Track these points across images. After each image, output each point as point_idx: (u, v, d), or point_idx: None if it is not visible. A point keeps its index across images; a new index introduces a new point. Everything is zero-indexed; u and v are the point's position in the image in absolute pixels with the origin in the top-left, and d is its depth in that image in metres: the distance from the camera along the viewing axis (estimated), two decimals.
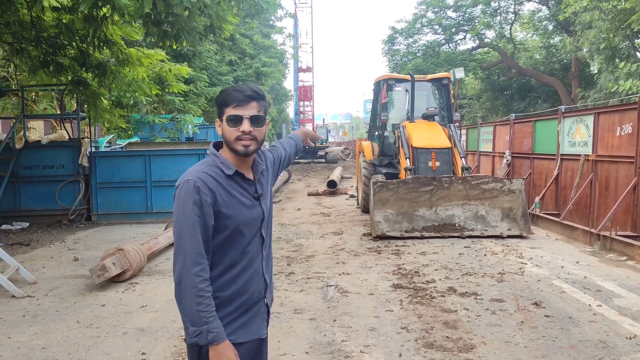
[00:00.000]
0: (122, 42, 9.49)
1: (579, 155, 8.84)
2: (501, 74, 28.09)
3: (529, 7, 35.91)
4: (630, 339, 4.06)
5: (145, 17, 7.87)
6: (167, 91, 13.94)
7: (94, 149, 11.23)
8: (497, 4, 26.81)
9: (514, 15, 27.17)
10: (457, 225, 8.22)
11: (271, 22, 32.65)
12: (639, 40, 15.63)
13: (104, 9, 7.97)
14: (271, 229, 2.14)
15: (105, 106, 11.87)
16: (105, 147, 13.42)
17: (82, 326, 4.59)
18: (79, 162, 10.76)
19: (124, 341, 4.23)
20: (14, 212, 10.57)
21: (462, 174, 9.01)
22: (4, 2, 7.82)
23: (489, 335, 4.18)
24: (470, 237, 8.02)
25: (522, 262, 6.56)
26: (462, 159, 9.32)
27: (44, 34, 9.18)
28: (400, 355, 3.82)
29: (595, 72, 20.93)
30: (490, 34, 28.48)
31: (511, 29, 27.53)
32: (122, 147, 13.78)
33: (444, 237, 8.00)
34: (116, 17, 8.53)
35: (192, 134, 17.57)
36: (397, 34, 30.65)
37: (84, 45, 9.33)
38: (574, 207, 8.82)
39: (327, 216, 10.96)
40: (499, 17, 27.33)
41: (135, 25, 9.32)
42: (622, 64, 13.33)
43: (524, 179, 8.65)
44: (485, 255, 6.99)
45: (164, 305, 5.12)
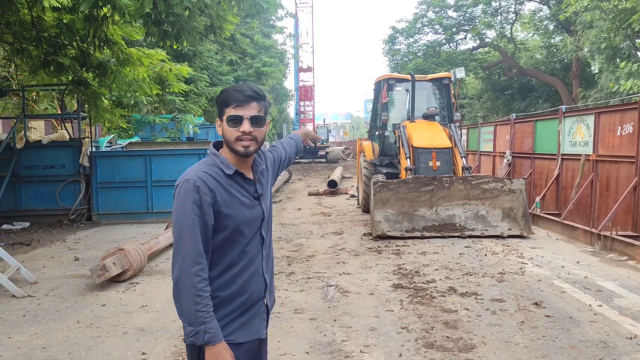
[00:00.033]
0: (122, 42, 9.50)
1: (580, 155, 8.83)
2: (502, 73, 28.08)
3: (529, 6, 35.98)
4: (630, 339, 4.05)
5: (145, 17, 7.88)
6: (168, 91, 13.96)
7: (94, 149, 11.24)
8: (497, 4, 26.80)
9: (514, 15, 27.16)
10: (457, 225, 8.21)
11: (272, 22, 32.70)
12: (639, 39, 15.62)
13: (104, 8, 7.98)
14: (271, 229, 2.14)
15: (105, 106, 11.88)
16: (105, 147, 13.41)
17: (82, 326, 4.60)
18: (80, 162, 10.76)
19: (124, 341, 4.23)
20: (14, 212, 10.58)
21: (462, 174, 9.01)
22: (4, 2, 7.83)
23: (490, 335, 4.18)
24: (470, 237, 8.02)
25: (522, 262, 6.56)
26: (463, 158, 9.32)
27: (44, 33, 9.19)
28: (400, 355, 3.82)
29: (596, 71, 20.92)
30: (491, 34, 28.49)
31: (512, 29, 27.53)
32: (122, 147, 13.77)
33: (444, 237, 8.00)
34: (117, 17, 8.55)
35: (193, 134, 17.60)
36: (398, 34, 30.64)
37: (84, 45, 9.34)
38: (575, 207, 8.82)
39: (327, 216, 10.96)
40: (499, 17, 27.32)
41: (135, 25, 9.33)
42: (623, 63, 13.33)
43: (524, 178, 8.65)
44: (485, 255, 6.99)
45: (164, 305, 5.12)
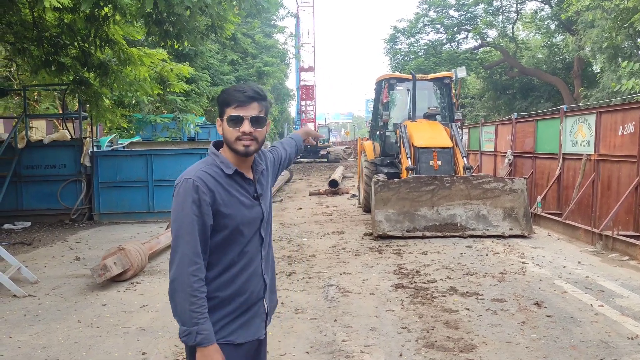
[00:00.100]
0: (123, 42, 9.51)
1: (581, 154, 8.82)
2: (503, 73, 28.04)
3: (531, 6, 35.98)
4: (632, 339, 4.04)
5: (146, 17, 7.89)
6: (169, 91, 13.96)
7: (95, 149, 11.24)
8: (499, 3, 26.76)
9: (516, 14, 27.12)
10: (458, 224, 8.21)
11: (273, 22, 32.73)
12: None
13: (105, 8, 7.99)
14: (271, 229, 2.14)
15: (107, 106, 11.88)
16: (107, 146, 13.43)
17: (83, 326, 4.60)
18: (81, 162, 10.77)
19: (125, 341, 4.23)
20: (16, 212, 10.59)
21: (463, 174, 8.99)
22: (6, 2, 7.83)
23: (490, 335, 4.17)
24: (471, 236, 8.01)
25: (523, 262, 6.55)
26: (464, 158, 9.31)
27: (45, 33, 9.20)
28: (400, 355, 3.82)
29: (597, 71, 20.86)
30: (492, 33, 28.44)
31: (513, 28, 27.48)
32: (123, 147, 13.78)
33: (445, 237, 7.99)
34: (118, 17, 8.56)
35: (194, 134, 17.62)
36: (399, 33, 30.61)
37: (85, 45, 9.35)
38: (576, 206, 8.80)
39: (328, 216, 10.95)
40: (501, 16, 27.28)
41: (136, 24, 9.34)
42: (624, 63, 13.30)
43: (525, 178, 8.64)
44: (486, 255, 6.98)
45: (165, 304, 5.11)
